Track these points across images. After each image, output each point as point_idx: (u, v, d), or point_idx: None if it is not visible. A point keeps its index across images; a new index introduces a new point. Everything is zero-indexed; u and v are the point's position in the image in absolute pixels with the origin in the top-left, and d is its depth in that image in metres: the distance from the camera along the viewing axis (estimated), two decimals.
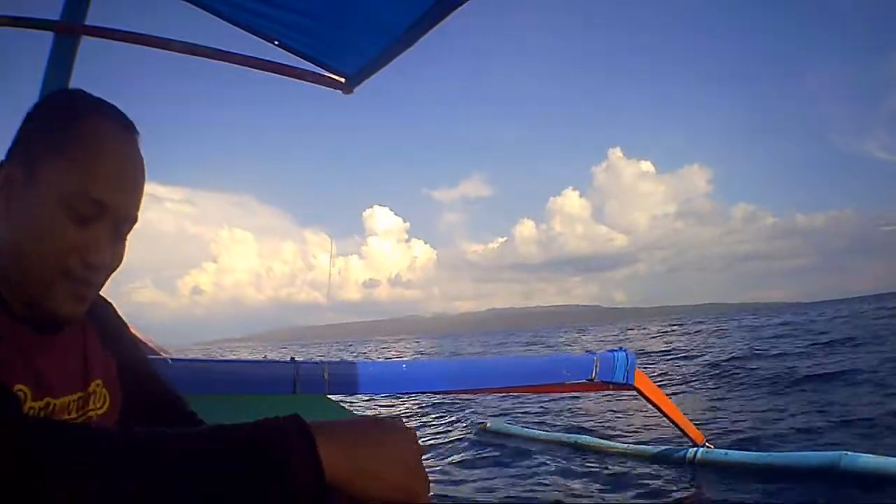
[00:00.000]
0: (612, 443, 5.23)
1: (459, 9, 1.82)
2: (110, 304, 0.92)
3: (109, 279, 0.77)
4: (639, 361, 3.68)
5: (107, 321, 0.88)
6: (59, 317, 0.73)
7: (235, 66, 2.55)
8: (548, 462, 5.06)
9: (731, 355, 12.48)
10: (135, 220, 0.76)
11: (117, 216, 0.73)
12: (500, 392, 6.24)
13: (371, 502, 0.58)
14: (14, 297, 0.71)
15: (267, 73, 2.56)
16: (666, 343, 19.54)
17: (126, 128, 0.75)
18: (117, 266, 0.77)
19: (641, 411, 6.55)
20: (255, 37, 2.46)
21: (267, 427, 0.56)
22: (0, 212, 0.72)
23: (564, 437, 5.58)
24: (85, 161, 0.70)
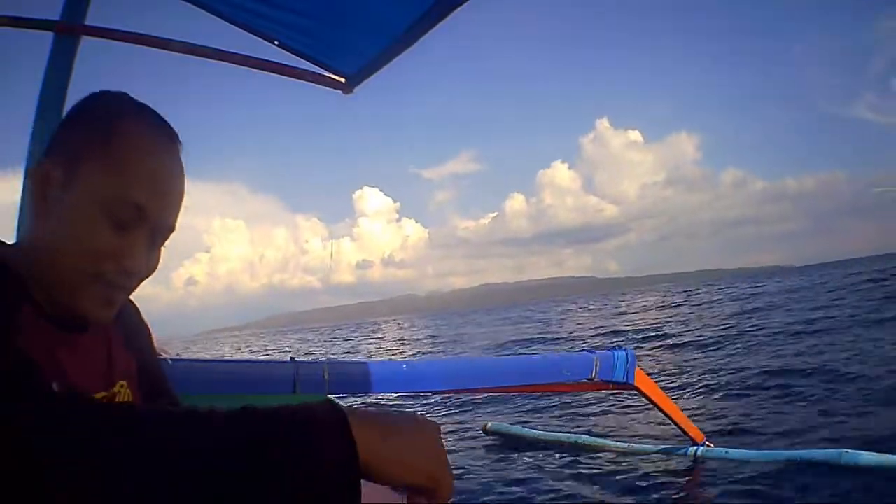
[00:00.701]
0: (612, 442, 5.24)
1: (459, 8, 1.82)
2: (134, 304, 0.92)
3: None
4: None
5: (130, 321, 0.89)
6: (88, 319, 0.73)
7: (235, 65, 2.55)
8: (548, 462, 5.07)
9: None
10: (172, 228, 0.76)
11: (155, 223, 0.73)
12: (500, 392, 6.25)
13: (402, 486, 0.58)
14: (43, 294, 0.71)
15: (267, 73, 2.56)
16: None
17: (168, 136, 0.75)
18: (151, 273, 0.77)
19: (642, 410, 6.55)
20: (254, 37, 2.46)
21: (299, 412, 0.55)
22: (38, 210, 0.71)
23: (564, 436, 5.59)
24: (126, 165, 0.70)
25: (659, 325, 17.53)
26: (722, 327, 14.65)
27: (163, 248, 0.78)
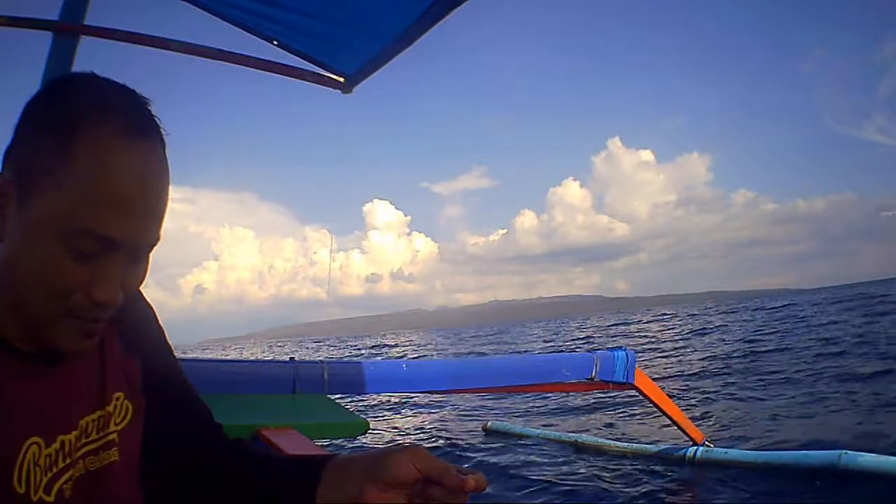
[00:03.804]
0: (612, 442, 5.24)
1: (459, 8, 1.82)
2: (143, 302, 0.80)
3: None
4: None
5: (131, 322, 0.76)
6: (64, 353, 0.63)
7: (235, 65, 2.55)
8: (548, 461, 5.07)
9: None
10: (156, 241, 0.63)
11: (131, 247, 0.60)
12: (500, 392, 6.24)
13: None
14: (13, 329, 0.61)
15: (266, 72, 2.56)
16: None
17: (142, 133, 0.59)
18: (139, 286, 0.66)
19: (642, 410, 6.55)
20: (254, 37, 2.46)
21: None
22: None
23: (565, 436, 5.59)
24: (89, 186, 0.56)
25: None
26: None
27: (164, 251, 0.68)
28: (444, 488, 0.63)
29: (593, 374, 3.44)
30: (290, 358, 2.73)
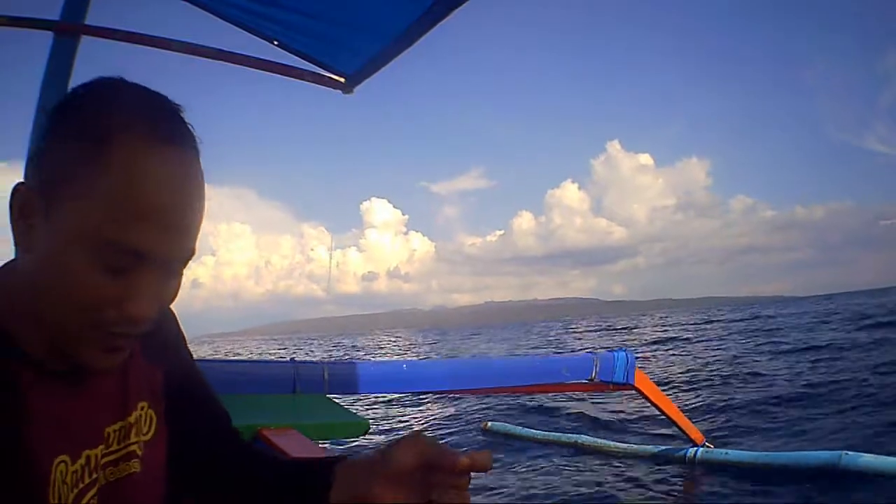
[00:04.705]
0: (612, 443, 5.24)
1: (459, 8, 1.82)
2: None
3: None
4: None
5: (154, 328, 0.71)
6: (91, 370, 0.60)
7: (236, 65, 2.55)
8: (548, 462, 5.07)
9: None
10: (191, 255, 0.60)
11: (163, 261, 0.57)
12: (500, 392, 6.24)
13: None
14: (37, 342, 0.58)
15: (267, 72, 2.56)
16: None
17: (174, 141, 0.57)
18: (171, 302, 0.63)
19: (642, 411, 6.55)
20: (254, 37, 2.46)
21: None
22: (21, 242, 0.57)
23: (565, 437, 5.59)
24: (114, 199, 0.53)
25: None
26: None
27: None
28: (444, 471, 0.64)
29: (593, 374, 3.44)
30: (291, 358, 2.73)
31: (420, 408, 9.00)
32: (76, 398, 0.62)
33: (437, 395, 8.42)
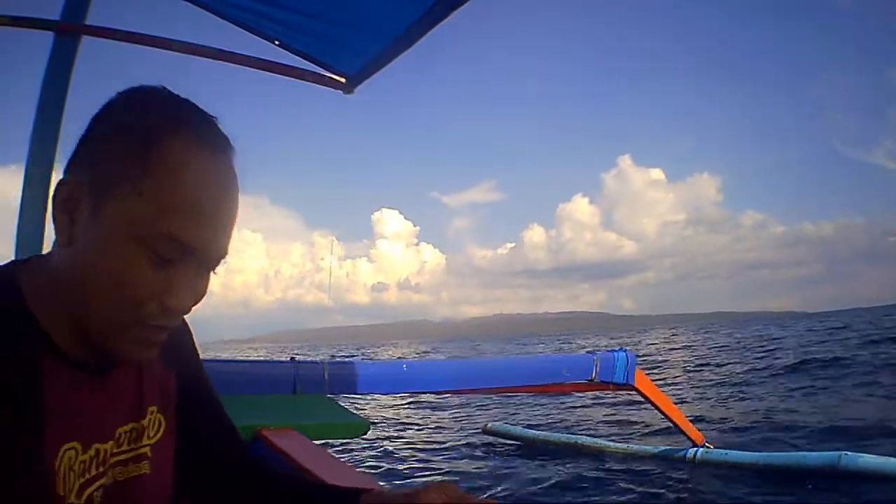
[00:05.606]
0: (612, 443, 5.24)
1: (460, 9, 1.82)
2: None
3: None
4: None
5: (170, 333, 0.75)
6: (123, 360, 0.64)
7: (239, 67, 2.55)
8: (548, 462, 5.06)
9: None
10: (225, 254, 0.64)
11: (204, 256, 0.62)
12: (500, 392, 6.24)
13: None
14: (68, 337, 0.61)
15: (268, 73, 2.56)
16: None
17: (217, 147, 0.62)
18: (199, 302, 0.66)
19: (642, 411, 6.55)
20: (255, 36, 2.46)
21: None
22: (63, 236, 0.59)
23: (565, 437, 5.59)
24: (168, 194, 0.58)
25: None
26: None
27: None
28: None
29: (593, 375, 3.44)
30: (291, 358, 2.73)
31: (420, 408, 9.00)
32: (93, 393, 0.64)
33: (438, 396, 8.42)
